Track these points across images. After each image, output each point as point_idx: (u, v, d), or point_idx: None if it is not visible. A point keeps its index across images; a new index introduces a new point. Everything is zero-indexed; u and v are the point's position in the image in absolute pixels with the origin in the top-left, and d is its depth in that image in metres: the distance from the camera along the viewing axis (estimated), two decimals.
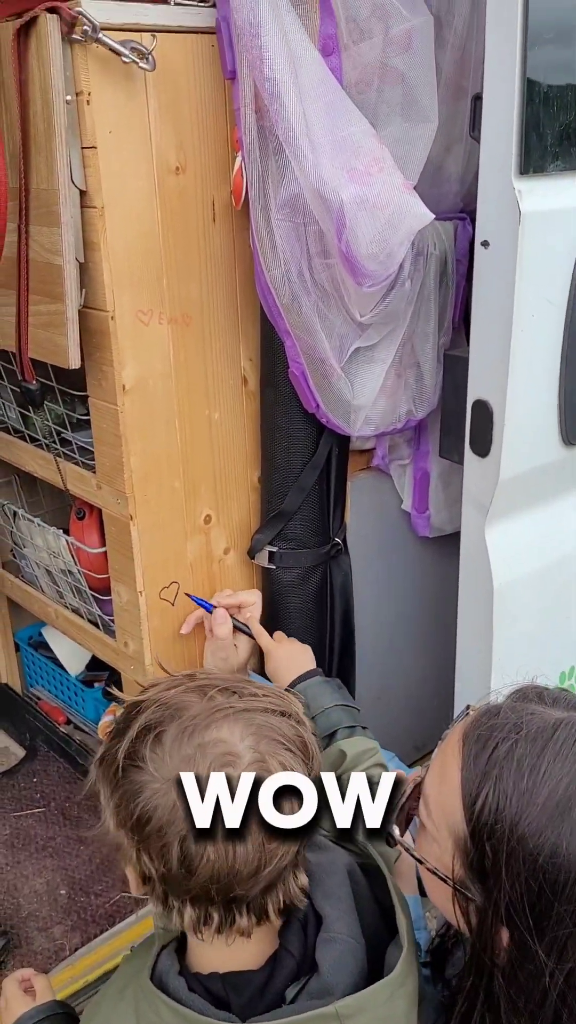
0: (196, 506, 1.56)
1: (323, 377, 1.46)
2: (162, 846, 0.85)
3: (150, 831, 0.86)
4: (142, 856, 0.87)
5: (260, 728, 0.87)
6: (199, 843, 0.83)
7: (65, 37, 1.20)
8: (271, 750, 0.86)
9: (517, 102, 1.20)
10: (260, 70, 1.25)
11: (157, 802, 0.85)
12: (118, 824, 0.90)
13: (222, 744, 0.86)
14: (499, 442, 1.39)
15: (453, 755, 0.93)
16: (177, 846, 0.84)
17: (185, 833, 0.83)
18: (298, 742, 0.89)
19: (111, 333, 1.36)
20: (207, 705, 0.88)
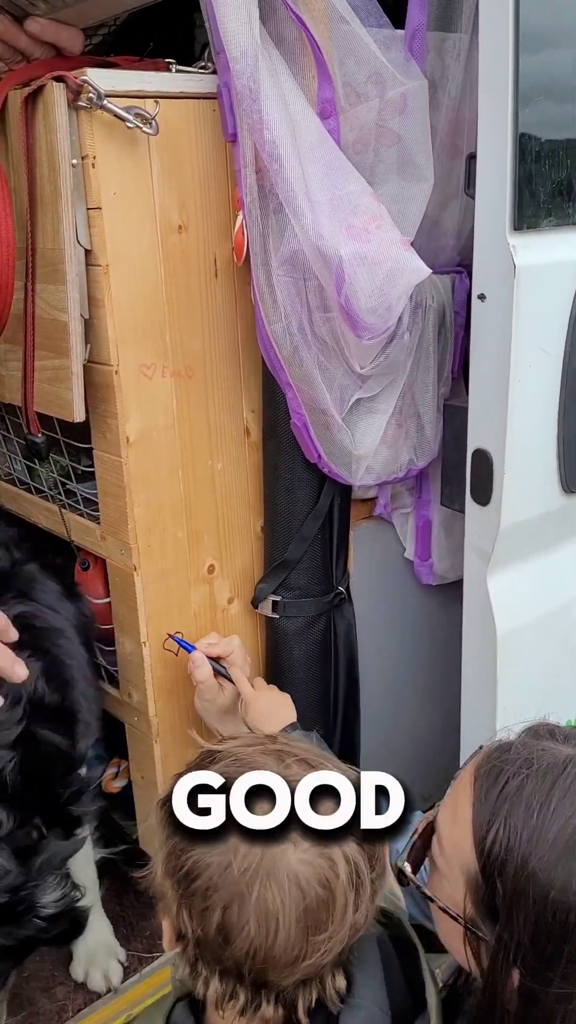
0: (200, 556, 1.57)
1: (324, 428, 1.48)
2: (204, 908, 0.83)
3: (195, 889, 0.84)
4: (182, 912, 0.85)
5: None
6: (238, 914, 0.80)
7: (71, 104, 1.24)
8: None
9: (510, 161, 1.24)
10: (260, 133, 1.29)
11: (210, 860, 0.83)
12: (165, 872, 0.88)
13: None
14: (499, 491, 1.40)
15: (465, 792, 0.93)
16: (219, 912, 0.82)
17: (230, 901, 0.81)
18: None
19: (115, 387, 1.38)
20: (281, 772, 0.86)
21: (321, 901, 0.82)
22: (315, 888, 0.81)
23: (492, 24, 1.25)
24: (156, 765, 1.60)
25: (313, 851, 0.82)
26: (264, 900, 0.81)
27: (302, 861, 0.82)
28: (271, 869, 0.81)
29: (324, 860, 0.82)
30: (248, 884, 0.82)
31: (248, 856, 0.82)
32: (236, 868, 0.82)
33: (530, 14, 1.22)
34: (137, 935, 1.70)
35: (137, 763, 1.66)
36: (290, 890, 0.81)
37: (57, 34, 1.26)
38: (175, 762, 1.62)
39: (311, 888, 0.81)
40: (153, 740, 1.59)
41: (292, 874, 0.81)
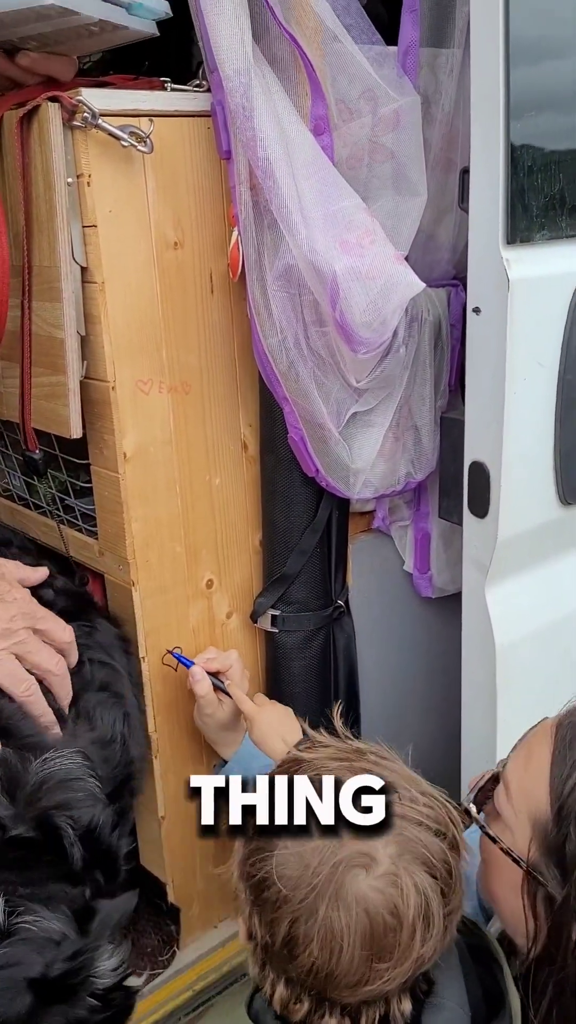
0: (198, 571, 1.57)
1: (322, 442, 1.48)
2: (273, 919, 0.85)
3: (266, 898, 0.85)
4: (253, 916, 0.88)
5: (408, 841, 0.84)
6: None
7: (66, 124, 1.25)
8: (411, 867, 0.84)
9: (502, 175, 1.25)
10: (254, 150, 1.30)
11: (283, 872, 0.84)
12: (240, 876, 0.90)
13: (365, 844, 0.83)
14: (496, 503, 1.40)
15: (542, 743, 0.96)
16: (287, 925, 0.83)
17: (298, 915, 0.82)
18: (443, 868, 0.86)
19: (112, 403, 1.39)
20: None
21: (388, 929, 0.82)
22: (383, 915, 0.82)
23: (483, 39, 1.26)
24: (156, 781, 1.60)
25: (385, 879, 0.82)
26: (330, 921, 0.82)
27: (373, 888, 0.82)
28: (340, 891, 0.82)
29: (395, 889, 0.82)
30: (316, 902, 0.83)
31: (319, 875, 0.83)
32: (306, 885, 0.83)
33: (520, 29, 1.23)
34: (138, 951, 1.69)
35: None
36: (357, 914, 0.81)
37: (48, 66, 1.27)
38: (174, 778, 1.62)
39: (379, 915, 0.82)
40: (153, 756, 1.58)
41: (361, 898, 0.81)
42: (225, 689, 1.50)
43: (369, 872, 0.82)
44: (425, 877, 0.84)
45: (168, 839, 1.64)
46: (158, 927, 1.73)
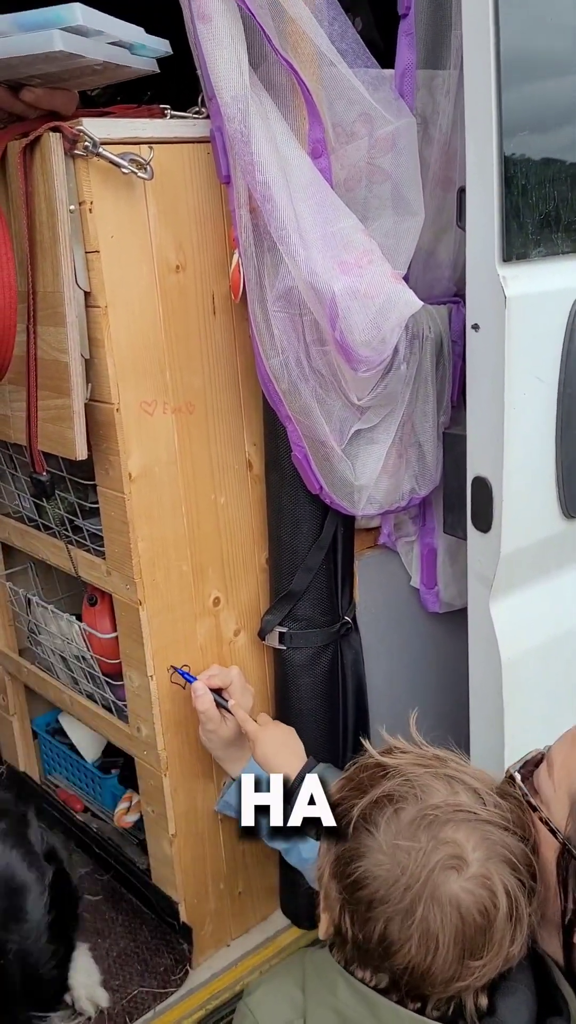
0: (205, 589, 1.58)
1: (325, 459, 1.50)
2: (368, 918, 0.87)
3: (361, 897, 0.88)
4: (345, 915, 0.90)
5: (494, 845, 0.87)
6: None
7: (68, 153, 1.28)
8: (499, 869, 0.87)
9: (497, 194, 1.26)
10: (252, 175, 1.32)
11: (378, 873, 0.87)
12: (332, 875, 0.93)
13: (455, 846, 0.86)
14: (499, 517, 1.41)
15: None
16: (382, 924, 0.86)
17: (393, 915, 0.85)
18: (526, 865, 0.89)
19: (116, 424, 1.41)
20: (451, 800, 0.89)
21: (479, 929, 0.85)
22: (474, 915, 0.85)
23: (475, 61, 1.28)
24: (166, 799, 1.60)
25: (476, 880, 0.85)
26: (427, 920, 0.85)
27: (464, 889, 0.85)
28: (435, 892, 0.85)
29: (486, 891, 0.85)
30: (413, 903, 0.85)
31: (415, 876, 0.86)
32: (403, 884, 0.86)
33: (511, 50, 1.25)
34: (151, 971, 1.69)
35: (148, 797, 1.66)
36: (451, 914, 0.84)
37: (52, 101, 1.30)
38: (185, 796, 1.63)
39: (470, 915, 0.85)
40: (162, 774, 1.59)
41: (454, 899, 0.84)
42: (227, 706, 1.51)
43: (460, 874, 0.85)
44: (512, 879, 0.87)
45: (179, 857, 1.65)
46: (170, 946, 1.73)
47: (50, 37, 1.17)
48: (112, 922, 1.82)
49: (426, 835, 0.87)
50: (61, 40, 1.18)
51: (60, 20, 1.19)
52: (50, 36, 1.17)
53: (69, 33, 1.19)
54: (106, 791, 1.97)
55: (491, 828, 0.88)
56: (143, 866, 1.79)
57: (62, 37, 1.18)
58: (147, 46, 1.31)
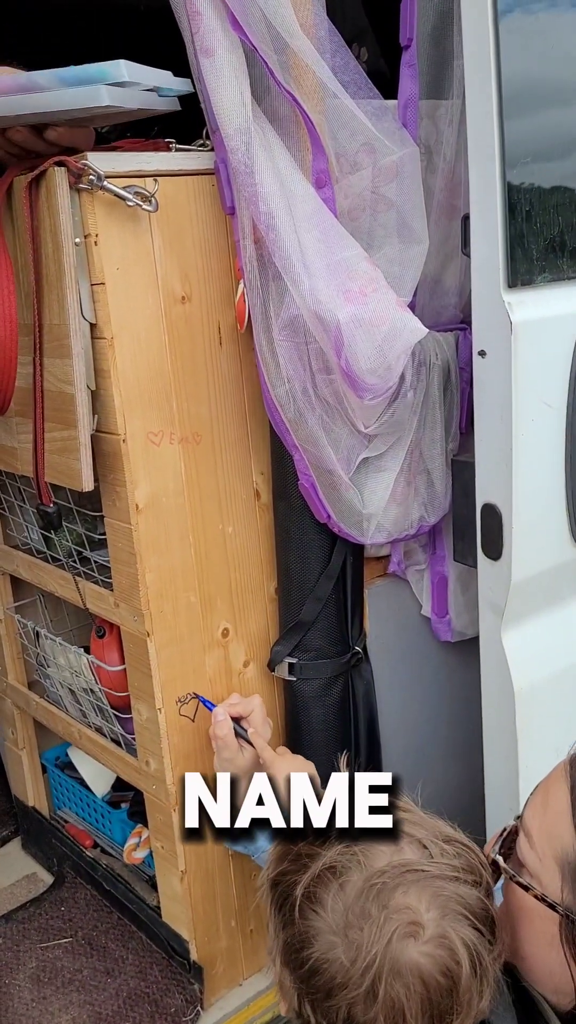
0: (213, 620, 1.57)
1: (332, 488, 1.49)
2: (329, 1006, 0.82)
3: (318, 985, 0.83)
4: (304, 1004, 0.85)
5: (448, 900, 0.83)
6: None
7: (73, 186, 1.29)
8: (456, 926, 0.83)
9: (501, 221, 1.26)
10: (256, 206, 1.32)
11: (332, 957, 0.82)
12: (284, 963, 0.87)
13: (409, 912, 0.82)
14: (509, 545, 1.40)
15: (557, 783, 0.94)
16: (345, 1010, 0.81)
17: (355, 999, 0.81)
18: (485, 917, 0.85)
19: (123, 455, 1.40)
20: (397, 860, 0.84)
21: (445, 991, 0.81)
22: (438, 979, 0.81)
23: (477, 91, 1.28)
24: (175, 834, 1.58)
25: (434, 942, 0.81)
26: (391, 997, 0.80)
27: (423, 953, 0.81)
28: (394, 964, 0.81)
29: (444, 950, 0.81)
30: (374, 982, 0.81)
31: (371, 953, 0.81)
32: (360, 966, 0.81)
33: (512, 79, 1.25)
34: (161, 1012, 1.66)
35: (157, 833, 1.64)
36: (414, 984, 0.80)
37: (73, 139, 1.32)
38: None
39: (433, 979, 0.81)
40: (172, 809, 1.57)
41: (415, 967, 0.81)
42: (247, 736, 1.49)
43: (418, 939, 0.81)
44: (470, 932, 0.83)
45: (190, 894, 1.62)
46: (181, 986, 1.69)
47: (98, 92, 1.20)
48: (122, 961, 1.78)
49: (376, 906, 0.82)
50: (108, 96, 1.20)
51: (106, 76, 1.21)
52: (98, 92, 1.20)
53: (113, 87, 1.21)
54: (115, 826, 1.95)
55: (442, 883, 0.83)
56: (153, 903, 1.76)
57: (108, 92, 1.20)
58: (172, 89, 1.32)
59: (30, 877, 2.09)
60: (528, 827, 0.95)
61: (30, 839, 2.16)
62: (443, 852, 0.86)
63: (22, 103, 1.26)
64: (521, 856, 0.94)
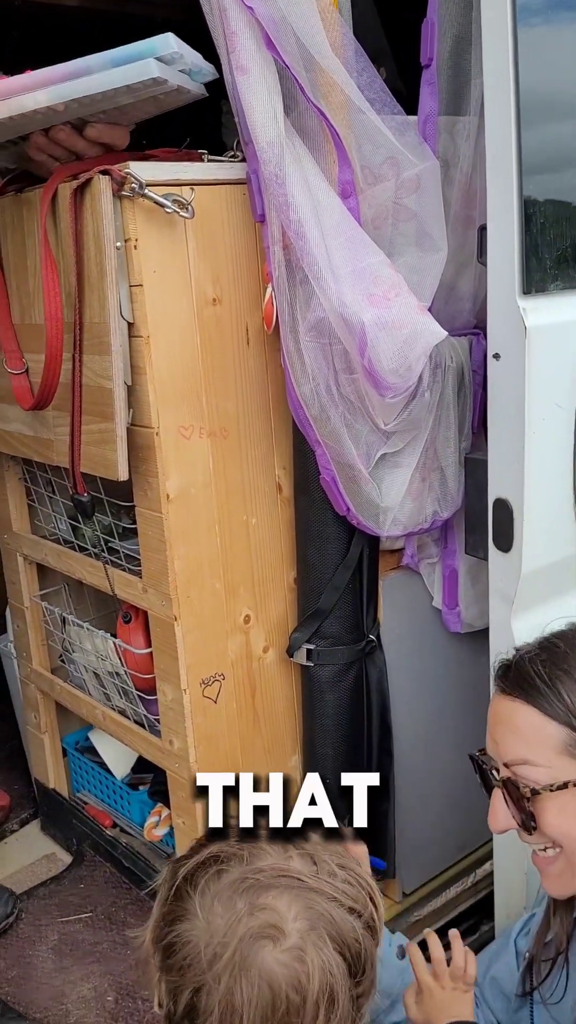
0: (236, 606, 1.65)
1: (352, 482, 1.57)
2: (177, 985, 0.81)
3: (173, 963, 0.82)
4: (161, 982, 0.84)
5: (319, 916, 0.81)
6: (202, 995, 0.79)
7: (115, 194, 1.37)
8: (319, 944, 0.80)
9: (517, 231, 1.34)
10: (286, 214, 1.41)
11: (190, 937, 0.81)
12: (152, 939, 0.87)
13: (273, 914, 0.80)
14: (520, 537, 1.47)
15: (506, 708, 1.12)
16: (189, 993, 0.80)
17: (200, 984, 0.79)
18: (353, 948, 0.82)
19: (156, 448, 1.48)
20: (280, 864, 0.83)
21: (292, 1006, 0.78)
22: (286, 991, 0.78)
23: (495, 108, 1.36)
24: (197, 811, 1.66)
25: (291, 953, 0.79)
26: (231, 993, 0.78)
27: (278, 961, 0.79)
28: (245, 962, 0.79)
29: (300, 964, 0.79)
30: (218, 973, 0.79)
31: (226, 943, 0.79)
32: (211, 952, 0.79)
33: (530, 97, 1.33)
34: None
35: (179, 809, 1.71)
36: (260, 988, 0.78)
37: (112, 136, 1.38)
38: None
39: (282, 991, 0.78)
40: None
41: (266, 972, 0.78)
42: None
43: (276, 945, 0.79)
44: (333, 955, 0.80)
45: None
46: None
47: (148, 65, 1.26)
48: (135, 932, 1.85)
49: (244, 900, 0.80)
50: (156, 68, 1.26)
51: (155, 50, 1.27)
52: (148, 64, 1.26)
53: (160, 63, 1.27)
54: (134, 807, 2.02)
55: (318, 898, 0.81)
56: None
57: (157, 65, 1.26)
58: (202, 70, 1.38)
59: (49, 857, 2.17)
60: (519, 759, 1.08)
61: (50, 820, 2.23)
62: (332, 873, 0.84)
63: (74, 88, 1.31)
64: (536, 782, 1.06)
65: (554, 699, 1.07)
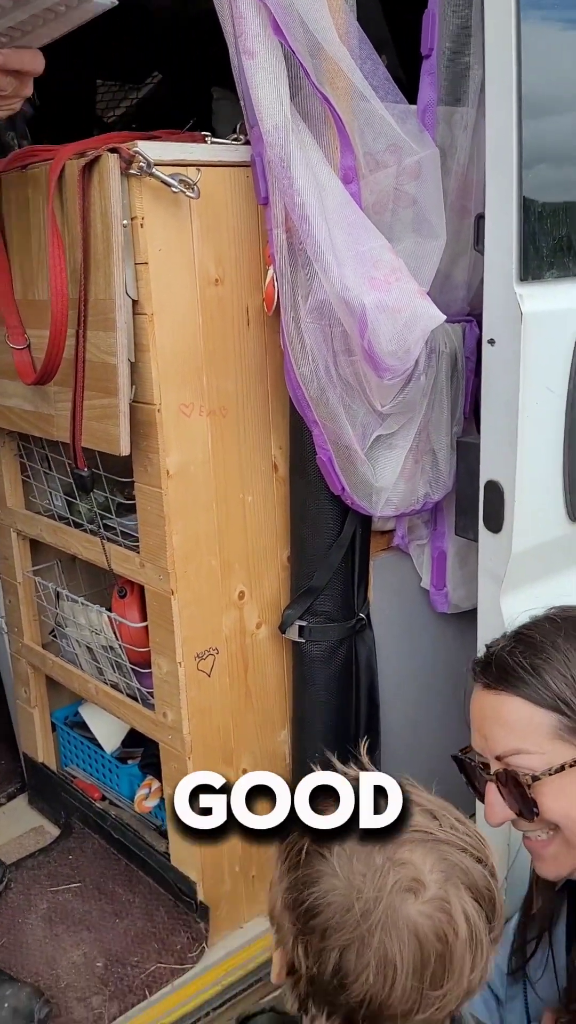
0: (231, 583, 1.68)
1: (348, 462, 1.60)
2: (322, 948, 0.83)
3: (315, 926, 0.83)
4: (298, 947, 0.85)
5: (453, 867, 0.84)
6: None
7: (123, 172, 1.39)
8: (457, 893, 0.83)
9: (516, 219, 1.38)
10: (291, 197, 1.43)
11: (332, 899, 0.83)
12: (285, 905, 0.87)
13: (411, 868, 0.83)
14: (511, 518, 1.52)
15: (490, 702, 1.15)
16: (337, 954, 0.82)
17: (348, 944, 0.81)
18: (486, 895, 0.86)
19: (157, 424, 1.51)
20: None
21: (439, 955, 0.82)
22: (432, 942, 0.82)
23: (497, 100, 1.40)
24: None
25: (433, 904, 0.82)
26: (384, 948, 0.81)
27: (422, 913, 0.82)
28: (392, 917, 0.81)
29: (443, 915, 0.82)
30: (369, 930, 0.81)
31: (370, 900, 0.81)
32: (358, 911, 0.81)
33: (531, 91, 1.37)
34: (168, 949, 1.77)
35: (171, 780, 1.75)
36: (408, 941, 0.81)
37: (21, 60, 1.27)
38: None
39: (428, 941, 0.82)
40: (187, 757, 1.68)
41: (411, 924, 0.82)
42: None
43: (418, 897, 0.82)
44: (471, 902, 0.84)
45: None
46: (187, 926, 1.80)
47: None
48: (129, 904, 1.89)
49: (381, 857, 0.83)
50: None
51: None
52: None
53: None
54: (123, 780, 2.05)
55: (449, 849, 0.85)
56: (162, 849, 1.87)
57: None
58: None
59: (37, 829, 2.19)
60: (512, 749, 1.12)
61: (37, 794, 2.26)
62: (453, 826, 0.88)
63: None
64: (533, 769, 1.11)
65: (540, 687, 1.11)
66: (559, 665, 1.12)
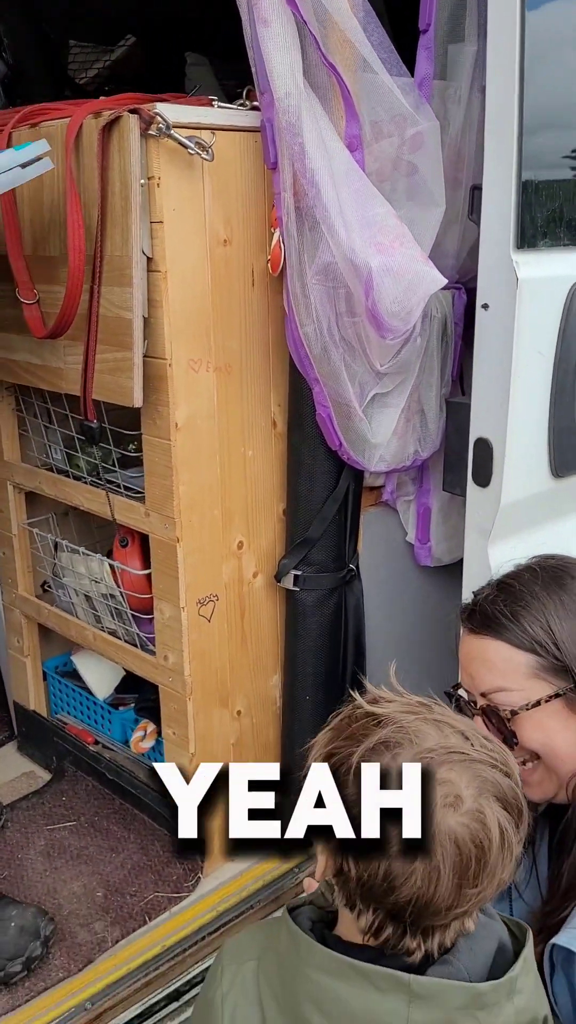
0: (231, 533, 1.76)
1: (346, 418, 1.69)
2: (371, 858, 0.90)
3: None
4: (348, 860, 0.92)
5: (485, 782, 0.92)
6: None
7: (143, 133, 1.45)
8: (490, 805, 0.92)
9: (514, 189, 1.47)
10: (301, 162, 1.50)
11: None
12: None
13: (451, 786, 0.91)
14: (499, 473, 1.62)
15: (477, 645, 1.26)
16: (386, 862, 0.90)
17: (396, 853, 0.89)
18: (514, 804, 0.94)
19: (168, 378, 1.58)
20: (444, 743, 0.93)
21: (476, 859, 0.90)
22: (470, 847, 0.90)
23: (498, 75, 1.48)
24: (189, 721, 1.78)
25: (470, 815, 0.91)
26: (431, 855, 0.89)
27: (460, 823, 0.90)
28: (438, 828, 0.89)
29: (478, 823, 0.91)
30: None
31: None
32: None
33: (532, 66, 1.45)
34: (164, 880, 1.86)
35: (169, 721, 1.83)
36: (449, 847, 0.89)
37: None
38: (204, 720, 1.81)
39: (467, 846, 0.90)
40: (187, 698, 1.77)
41: (452, 833, 0.90)
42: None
43: (457, 810, 0.90)
44: (502, 812, 0.92)
45: None
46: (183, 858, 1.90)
47: None
48: (124, 840, 1.98)
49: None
50: None
51: None
52: None
53: None
54: (116, 725, 2.13)
55: (482, 767, 0.93)
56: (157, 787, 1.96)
57: None
58: None
59: (28, 774, 2.26)
60: (495, 687, 1.23)
61: (28, 741, 2.32)
62: (483, 745, 0.96)
63: None
64: (513, 704, 1.22)
65: (519, 631, 1.23)
66: (536, 612, 1.24)
